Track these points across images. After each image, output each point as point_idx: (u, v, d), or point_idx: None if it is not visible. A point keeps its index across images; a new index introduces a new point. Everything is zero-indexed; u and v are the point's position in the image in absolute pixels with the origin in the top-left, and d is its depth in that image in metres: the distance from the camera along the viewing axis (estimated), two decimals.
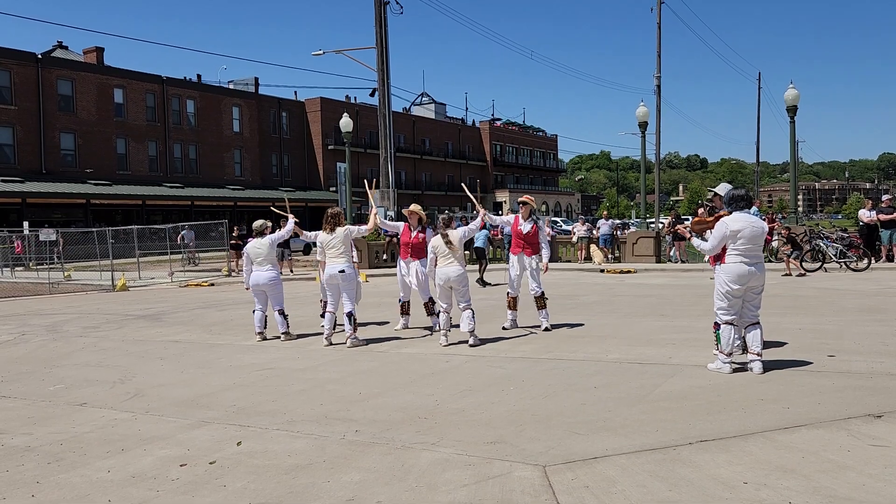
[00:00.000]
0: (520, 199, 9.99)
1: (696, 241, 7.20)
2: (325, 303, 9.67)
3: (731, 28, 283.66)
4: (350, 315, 9.00)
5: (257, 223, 10.06)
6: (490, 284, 17.15)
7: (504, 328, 9.79)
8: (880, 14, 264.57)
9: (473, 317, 8.70)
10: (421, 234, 10.10)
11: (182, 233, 26.81)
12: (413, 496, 3.93)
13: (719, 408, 5.44)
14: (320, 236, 9.34)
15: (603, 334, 9.19)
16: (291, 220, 9.98)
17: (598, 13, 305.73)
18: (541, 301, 9.66)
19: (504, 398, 6.05)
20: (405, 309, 10.37)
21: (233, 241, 24.66)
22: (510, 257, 10.03)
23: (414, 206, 10.32)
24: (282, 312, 9.79)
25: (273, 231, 10.30)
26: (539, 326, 9.67)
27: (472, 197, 10.59)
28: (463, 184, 14.69)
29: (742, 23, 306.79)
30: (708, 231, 7.03)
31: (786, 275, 16.80)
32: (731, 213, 6.73)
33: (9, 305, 17.25)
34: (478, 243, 18.15)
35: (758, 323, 6.67)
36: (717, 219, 6.86)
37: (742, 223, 6.55)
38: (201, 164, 51.16)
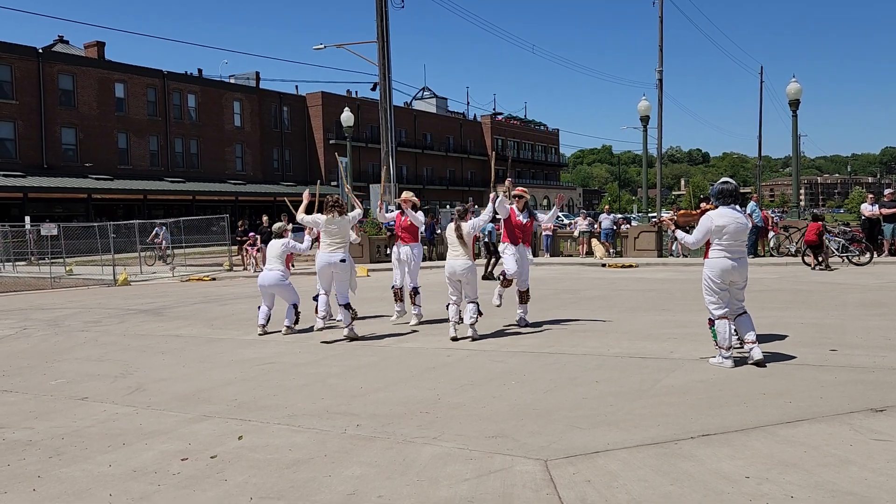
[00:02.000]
0: (514, 192, 9.89)
1: (679, 234, 7.19)
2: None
3: (733, 23, 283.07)
4: (348, 306, 9.02)
5: (277, 225, 10.34)
6: (497, 279, 17.03)
7: (497, 305, 9.48)
8: (883, 9, 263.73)
9: (477, 311, 8.70)
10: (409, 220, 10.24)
11: (156, 230, 26.58)
12: (414, 490, 3.93)
13: (721, 402, 5.44)
14: (321, 217, 9.08)
15: (604, 329, 9.18)
16: (308, 239, 10.08)
17: (600, 7, 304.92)
18: (526, 296, 9.64)
19: (505, 392, 6.04)
20: (398, 296, 10.42)
21: (240, 238, 24.57)
22: (508, 246, 9.67)
23: (406, 194, 10.46)
24: (295, 307, 9.86)
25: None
26: (518, 323, 9.60)
27: (493, 171, 10.28)
28: (496, 153, 13.49)
29: (744, 18, 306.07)
30: (693, 224, 7.02)
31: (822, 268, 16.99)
32: (716, 207, 6.71)
33: (10, 300, 17.27)
34: (490, 238, 18.04)
35: (745, 312, 6.71)
36: (703, 212, 6.86)
37: (727, 218, 6.55)
38: (202, 159, 51.13)
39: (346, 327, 9.00)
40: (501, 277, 9.60)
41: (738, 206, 6.75)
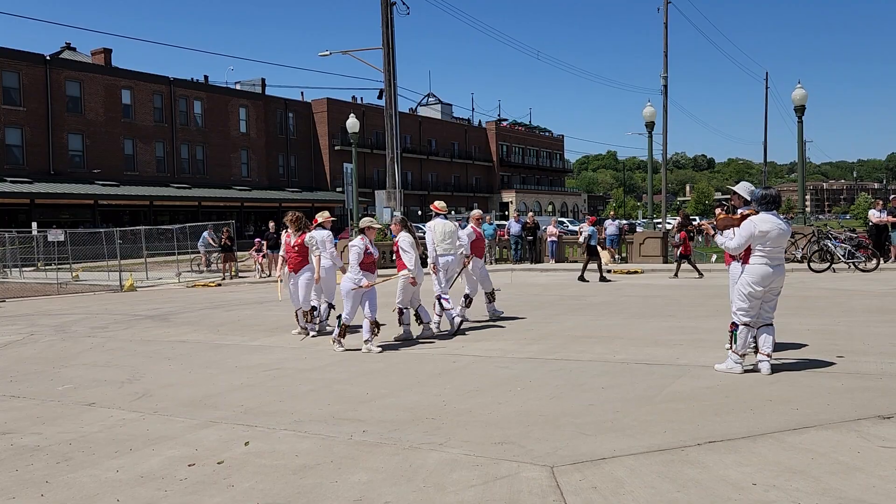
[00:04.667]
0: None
1: (719, 239, 7.09)
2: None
3: (738, 28, 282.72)
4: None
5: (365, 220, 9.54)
6: (608, 280, 17.63)
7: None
8: (888, 13, 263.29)
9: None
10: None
11: (204, 234, 26.07)
12: (421, 496, 3.93)
13: (727, 409, 5.43)
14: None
15: (610, 335, 9.17)
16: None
17: (604, 13, 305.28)
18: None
19: (511, 399, 6.04)
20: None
21: (226, 243, 24.10)
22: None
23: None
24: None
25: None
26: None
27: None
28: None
29: (749, 23, 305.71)
30: (733, 229, 6.93)
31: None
32: (758, 212, 6.66)
33: (18, 306, 17.34)
34: (591, 242, 18.30)
35: (771, 324, 6.65)
36: (744, 217, 6.78)
37: (770, 224, 6.49)
38: (208, 165, 51.31)
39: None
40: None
41: (779, 213, 6.70)
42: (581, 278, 17.77)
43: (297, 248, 9.96)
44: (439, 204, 10.39)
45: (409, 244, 8.98)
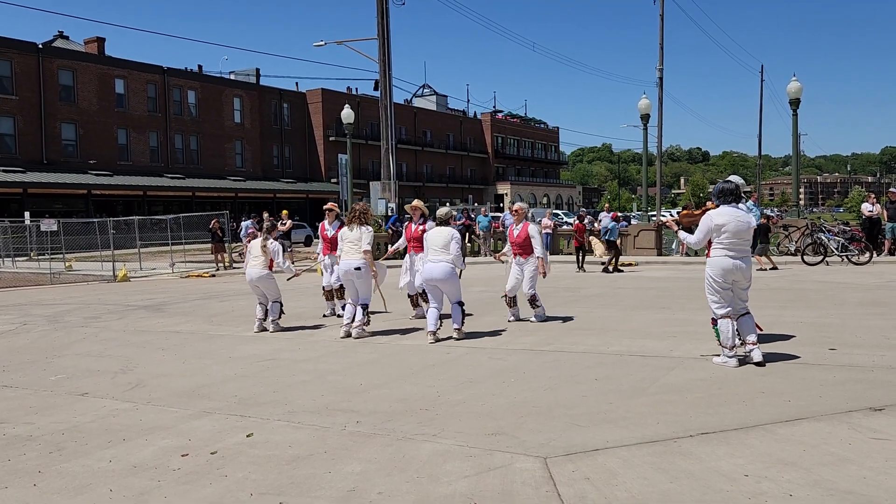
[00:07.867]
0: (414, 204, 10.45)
1: (682, 234, 7.20)
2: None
3: (734, 22, 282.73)
4: (364, 306, 9.09)
5: (443, 211, 9.16)
6: (621, 271, 18.18)
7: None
8: (883, 8, 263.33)
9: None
10: (422, 227, 10.13)
11: (245, 223, 25.58)
12: (414, 487, 3.93)
13: (720, 400, 5.44)
14: (343, 231, 9.32)
15: (604, 327, 9.19)
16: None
17: (600, 5, 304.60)
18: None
19: (505, 390, 6.05)
20: (415, 302, 10.56)
21: (217, 234, 23.93)
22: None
23: (417, 202, 10.43)
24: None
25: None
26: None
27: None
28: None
29: (745, 16, 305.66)
30: (697, 223, 6.99)
31: (760, 269, 17.13)
32: (718, 206, 6.70)
33: (10, 295, 17.26)
34: (612, 237, 18.68)
35: (748, 313, 6.69)
36: (704, 212, 6.84)
37: (727, 217, 6.53)
38: (202, 155, 51.12)
39: (356, 326, 9.00)
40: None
41: (740, 205, 6.73)
42: (615, 270, 18.29)
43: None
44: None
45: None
